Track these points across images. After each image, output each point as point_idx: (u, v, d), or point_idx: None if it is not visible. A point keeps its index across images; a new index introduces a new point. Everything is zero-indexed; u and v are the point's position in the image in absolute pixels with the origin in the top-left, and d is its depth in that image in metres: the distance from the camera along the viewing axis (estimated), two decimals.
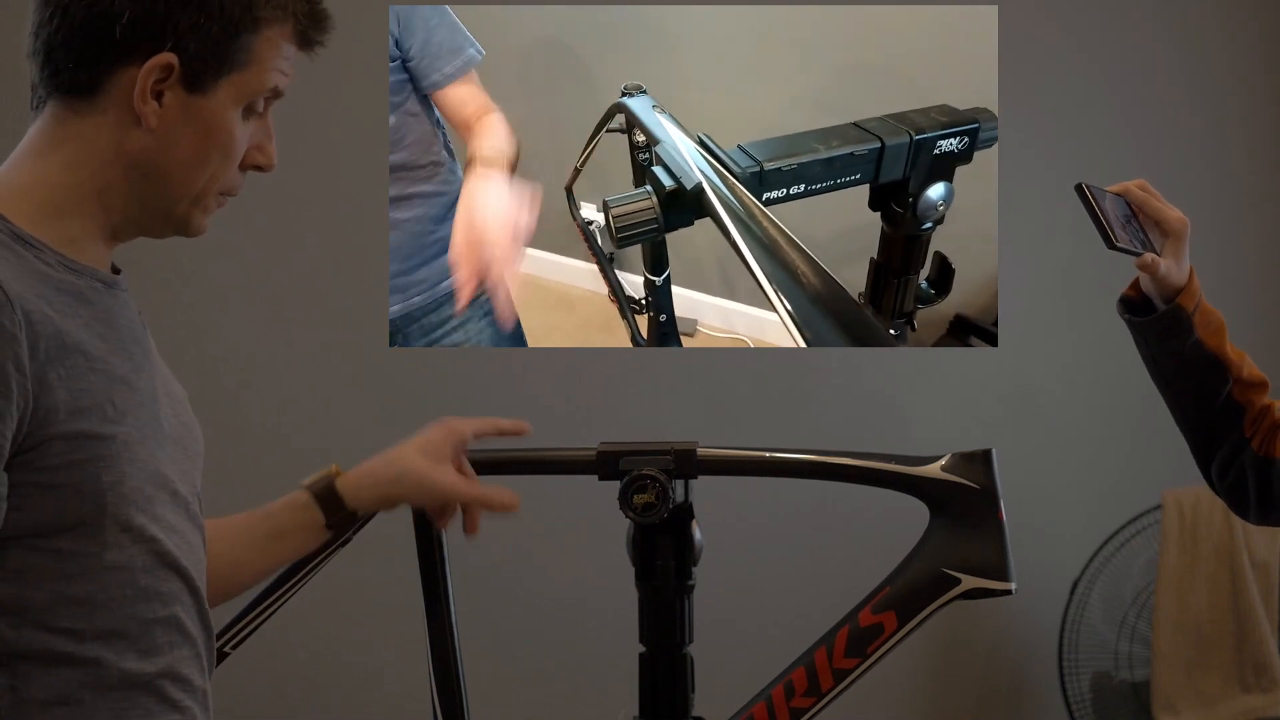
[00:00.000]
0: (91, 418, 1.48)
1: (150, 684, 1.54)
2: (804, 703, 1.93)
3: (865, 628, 1.93)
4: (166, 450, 1.57)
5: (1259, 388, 1.96)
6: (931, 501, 1.97)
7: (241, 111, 1.57)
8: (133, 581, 1.52)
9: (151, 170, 1.55)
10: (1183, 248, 1.92)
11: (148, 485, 1.53)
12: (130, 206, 1.57)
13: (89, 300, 1.54)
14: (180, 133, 1.55)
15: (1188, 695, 3.86)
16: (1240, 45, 4.34)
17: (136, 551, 1.52)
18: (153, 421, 1.55)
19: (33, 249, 1.51)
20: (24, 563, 1.47)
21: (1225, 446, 1.95)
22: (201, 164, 1.56)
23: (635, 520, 1.93)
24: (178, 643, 1.57)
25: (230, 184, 1.60)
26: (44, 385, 1.45)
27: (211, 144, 1.56)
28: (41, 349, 1.46)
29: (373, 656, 3.43)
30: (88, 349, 1.50)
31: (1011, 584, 1.93)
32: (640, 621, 1.97)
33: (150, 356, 1.60)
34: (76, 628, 1.49)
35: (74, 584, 1.49)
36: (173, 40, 1.52)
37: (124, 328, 1.57)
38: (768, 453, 2.02)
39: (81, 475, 1.48)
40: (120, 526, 1.50)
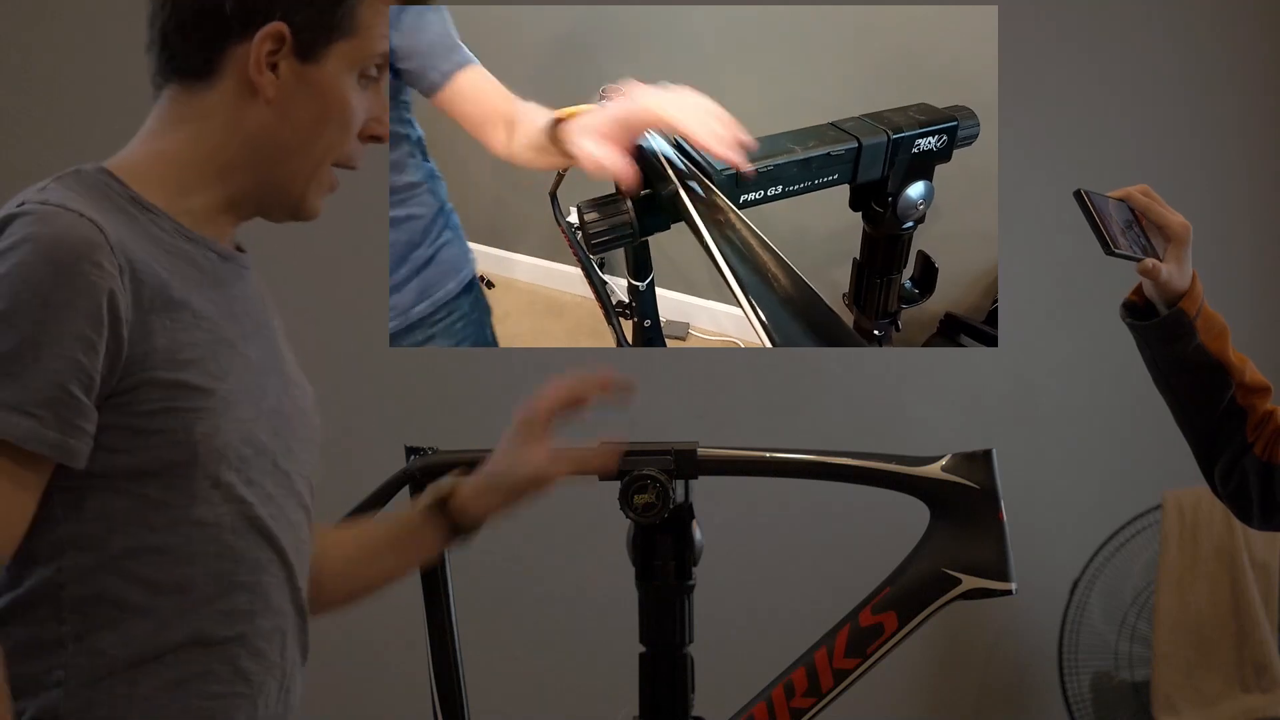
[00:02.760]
0: (191, 370, 1.50)
1: (223, 649, 1.53)
2: (804, 703, 1.93)
3: (865, 628, 1.94)
4: (271, 421, 1.57)
5: (1261, 392, 1.96)
6: (932, 502, 1.97)
7: (356, 79, 1.59)
8: (218, 539, 1.52)
9: (270, 143, 1.58)
10: (1185, 252, 1.92)
11: (244, 447, 1.53)
12: (249, 182, 1.59)
13: (200, 265, 1.56)
14: (297, 102, 1.57)
15: (1188, 695, 3.86)
16: (1240, 45, 4.34)
17: (226, 510, 1.52)
18: (258, 389, 1.56)
19: (149, 214, 1.54)
20: (109, 505, 1.48)
21: (1228, 451, 1.95)
22: (319, 133, 1.59)
23: (635, 520, 1.93)
24: (260, 612, 1.55)
25: (349, 155, 1.62)
26: (144, 330, 1.47)
27: (328, 112, 1.58)
28: (145, 295, 1.48)
29: (373, 656, 3.43)
30: (195, 306, 1.52)
31: (1012, 584, 1.93)
32: (640, 621, 1.97)
33: (266, 333, 1.63)
34: (154, 577, 1.49)
35: (157, 533, 1.50)
36: (281, 10, 1.55)
37: (238, 299, 1.60)
38: (768, 453, 2.02)
39: (176, 423, 1.49)
40: (211, 481, 1.51)
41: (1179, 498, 3.89)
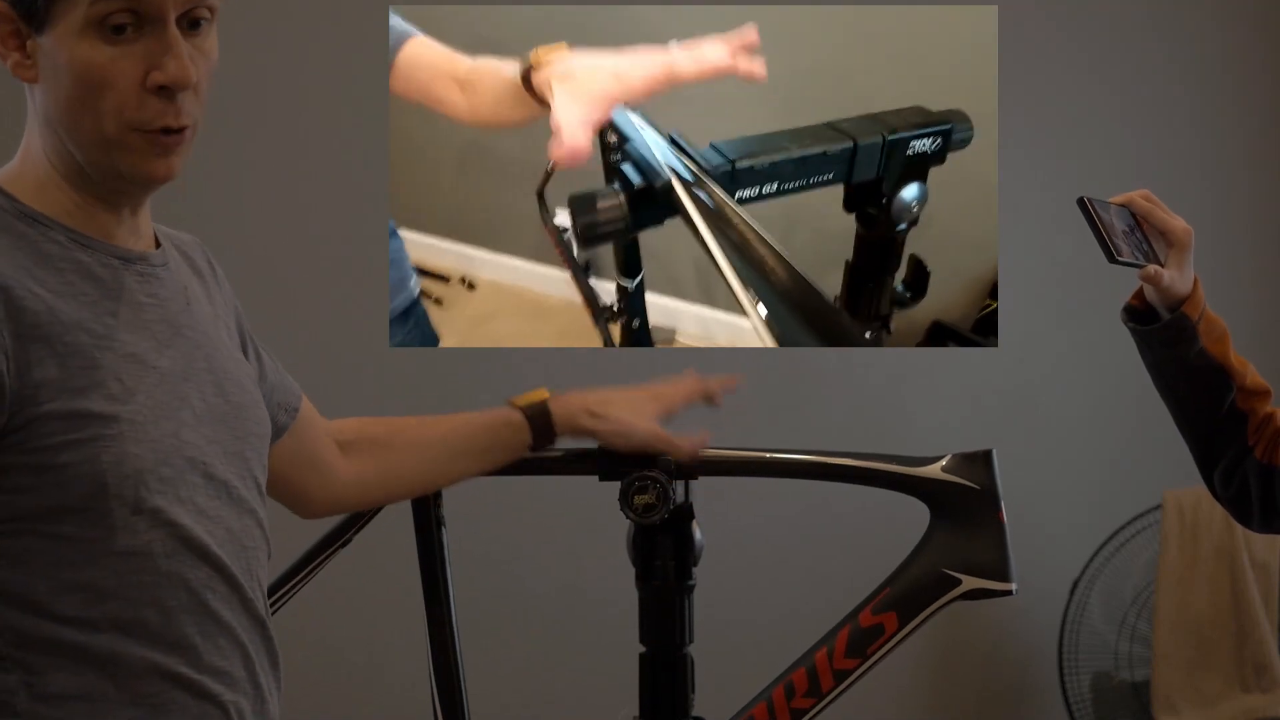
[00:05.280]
0: (90, 397, 1.43)
1: (181, 677, 1.48)
2: (804, 703, 1.93)
3: (866, 628, 1.94)
4: (200, 430, 1.51)
5: (1262, 396, 1.95)
6: (932, 502, 1.97)
7: (98, 35, 1.46)
8: (152, 567, 1.47)
9: (55, 122, 1.50)
10: (1186, 257, 1.92)
11: (163, 467, 1.47)
12: (72, 163, 1.51)
13: (97, 278, 1.49)
14: (51, 78, 1.48)
15: (1188, 695, 3.86)
16: (1239, 45, 4.34)
17: (156, 536, 1.46)
18: (177, 400, 1.50)
19: (41, 226, 1.48)
20: (26, 548, 1.43)
21: (1228, 455, 1.95)
22: (81, 103, 1.47)
23: (636, 521, 1.93)
24: (211, 633, 1.51)
25: (140, 117, 1.47)
26: (26, 363, 1.41)
27: (76, 80, 1.47)
28: (27, 323, 1.41)
29: (373, 655, 3.43)
30: (90, 325, 1.46)
31: (1012, 584, 1.93)
32: (640, 621, 1.97)
33: (184, 334, 1.55)
34: (87, 616, 1.44)
35: (80, 570, 1.44)
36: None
37: (147, 306, 1.52)
38: (768, 453, 2.02)
39: (79, 455, 1.43)
40: (130, 509, 1.45)
41: (1179, 498, 3.89)
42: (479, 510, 2.82)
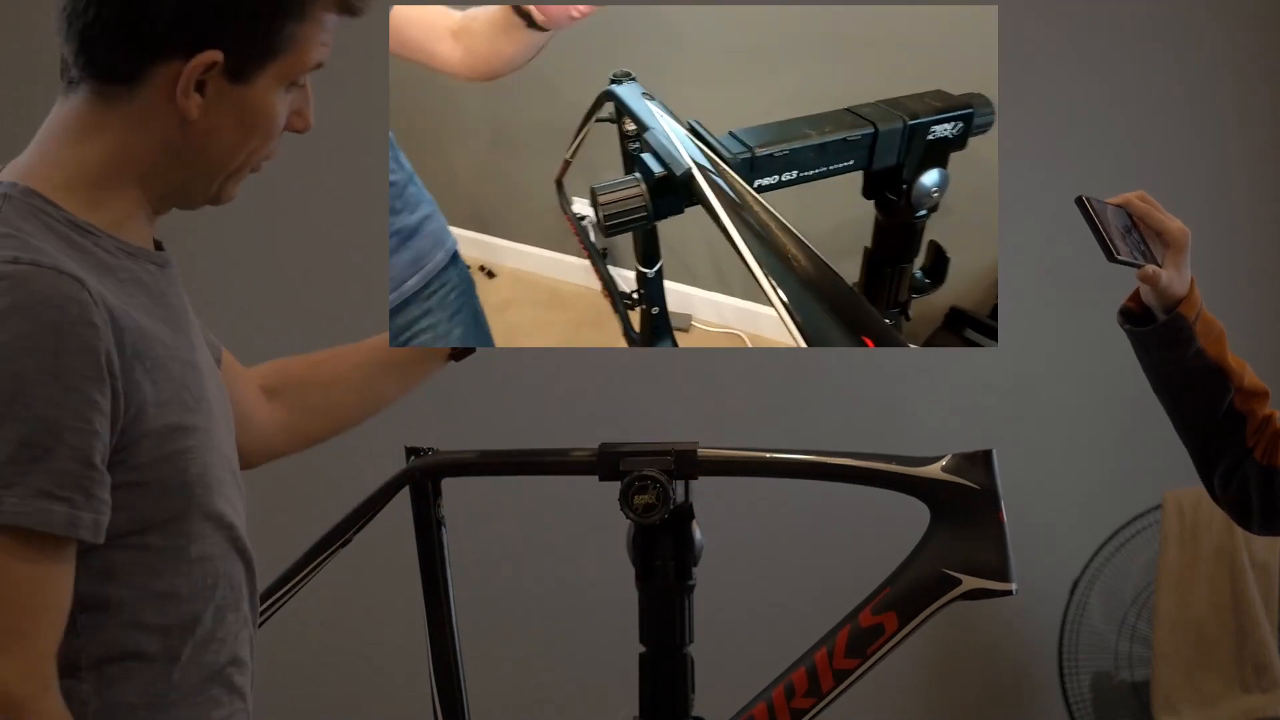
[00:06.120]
0: (175, 408, 1.46)
1: (221, 673, 1.51)
2: (804, 703, 1.93)
3: (866, 628, 1.93)
4: (224, 427, 1.55)
5: (1260, 397, 1.95)
6: (932, 502, 1.96)
7: (284, 89, 1.54)
8: (214, 570, 1.50)
9: (192, 155, 1.53)
10: (1184, 258, 1.91)
11: (222, 470, 1.51)
12: (171, 186, 1.54)
13: (146, 285, 1.51)
14: (222, 120, 1.52)
15: (1188, 695, 3.86)
16: (1239, 45, 4.34)
17: (219, 539, 1.50)
18: (217, 401, 1.54)
19: (91, 236, 1.48)
20: (111, 561, 1.43)
21: (1227, 456, 1.95)
22: (242, 145, 1.54)
23: (636, 521, 1.93)
24: (240, 626, 1.54)
25: (269, 153, 1.58)
26: (132, 381, 1.42)
27: (254, 128, 1.53)
28: (128, 343, 1.43)
29: (373, 655, 3.43)
30: (163, 337, 1.48)
31: (1012, 584, 1.93)
32: (640, 621, 1.97)
33: (196, 329, 1.58)
34: (164, 623, 1.46)
35: (164, 579, 1.46)
36: (218, 38, 1.49)
37: (177, 308, 1.55)
38: (768, 453, 2.02)
39: (171, 469, 1.45)
40: (204, 516, 1.48)
41: (1179, 498, 3.89)
42: (479, 510, 2.82)
